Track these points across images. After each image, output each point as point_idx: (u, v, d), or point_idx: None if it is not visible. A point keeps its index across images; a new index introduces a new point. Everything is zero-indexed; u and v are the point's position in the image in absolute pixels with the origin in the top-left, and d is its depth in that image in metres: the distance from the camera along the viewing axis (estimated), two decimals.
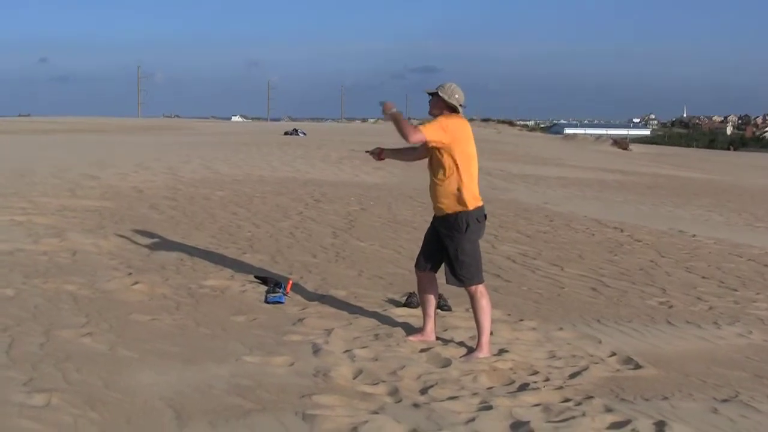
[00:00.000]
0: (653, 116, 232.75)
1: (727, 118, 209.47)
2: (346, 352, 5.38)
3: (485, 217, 5.67)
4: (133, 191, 13.40)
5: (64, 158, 19.12)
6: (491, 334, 5.67)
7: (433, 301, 5.88)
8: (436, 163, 5.58)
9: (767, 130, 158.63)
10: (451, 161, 5.49)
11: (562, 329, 6.36)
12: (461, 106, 5.58)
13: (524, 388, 4.91)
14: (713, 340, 6.36)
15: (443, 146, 5.46)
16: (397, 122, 5.43)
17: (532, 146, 45.37)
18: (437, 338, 5.85)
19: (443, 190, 5.54)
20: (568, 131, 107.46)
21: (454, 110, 5.57)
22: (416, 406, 4.45)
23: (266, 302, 6.62)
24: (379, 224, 11.39)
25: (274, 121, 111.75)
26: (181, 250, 8.54)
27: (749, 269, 9.66)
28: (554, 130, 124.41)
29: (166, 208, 11.70)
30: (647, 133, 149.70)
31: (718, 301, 7.80)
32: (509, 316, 6.67)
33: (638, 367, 5.47)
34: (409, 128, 5.37)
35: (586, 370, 5.33)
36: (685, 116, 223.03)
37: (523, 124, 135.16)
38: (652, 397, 4.83)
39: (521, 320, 6.56)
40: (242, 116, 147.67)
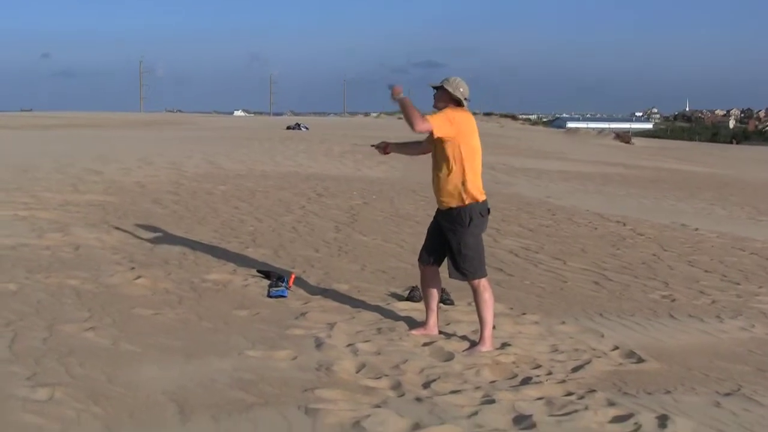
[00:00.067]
0: (656, 110, 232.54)
1: (729, 111, 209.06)
2: (348, 346, 5.39)
3: (488, 211, 5.66)
4: (135, 186, 13.41)
5: (66, 153, 19.13)
6: (494, 327, 5.67)
7: (436, 295, 5.88)
8: (440, 156, 5.57)
9: None
10: (455, 155, 5.47)
11: (564, 323, 6.36)
12: (466, 99, 5.56)
13: (527, 381, 4.91)
14: (716, 333, 6.35)
15: (448, 139, 5.44)
16: (405, 108, 5.39)
17: (534, 140, 45.33)
18: (440, 332, 5.85)
19: (447, 183, 5.53)
20: (570, 125, 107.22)
21: (458, 104, 5.55)
22: (419, 400, 4.45)
23: (269, 296, 6.62)
24: (381, 218, 11.39)
25: (276, 115, 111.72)
26: (183, 244, 8.54)
27: (752, 263, 9.65)
28: (557, 124, 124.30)
29: (168, 202, 11.71)
30: (650, 126, 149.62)
31: (720, 294, 7.79)
32: (512, 309, 6.67)
33: (641, 360, 5.47)
34: (417, 116, 5.34)
35: (588, 363, 5.33)
36: (687, 110, 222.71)
37: (525, 118, 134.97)
38: (654, 390, 4.83)
39: (524, 314, 6.56)
40: (244, 111, 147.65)
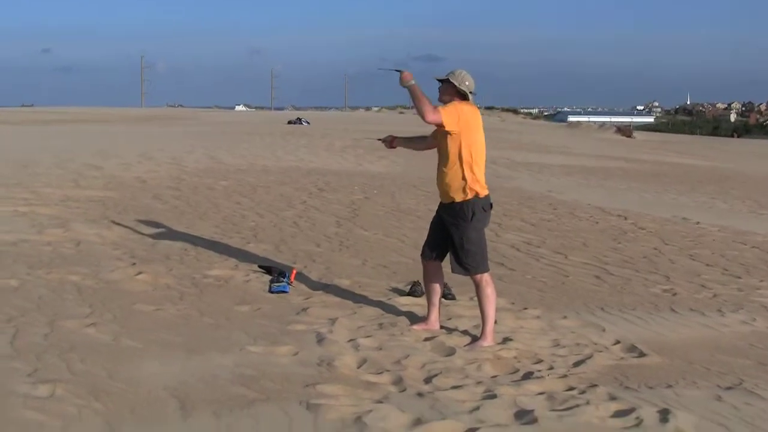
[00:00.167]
0: (657, 103, 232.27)
1: (730, 105, 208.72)
2: (350, 341, 5.39)
3: (491, 206, 5.64)
4: (136, 181, 13.41)
5: (67, 148, 19.11)
6: (495, 322, 5.66)
7: (438, 290, 5.87)
8: (444, 150, 5.54)
9: None
10: (460, 149, 5.44)
11: (566, 317, 6.35)
12: (471, 93, 5.52)
13: (528, 376, 4.91)
14: (717, 327, 6.35)
15: (454, 133, 5.41)
16: (415, 97, 5.33)
17: (535, 134, 45.26)
18: (441, 327, 5.85)
19: (451, 178, 5.51)
20: (571, 119, 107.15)
21: (464, 97, 5.51)
22: (420, 395, 4.45)
23: (270, 292, 6.62)
24: (382, 213, 11.38)
25: (277, 110, 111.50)
26: (184, 240, 8.54)
27: (753, 256, 9.64)
28: (558, 117, 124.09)
29: (169, 198, 11.70)
30: (651, 120, 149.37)
31: (722, 288, 7.79)
32: (513, 304, 6.66)
33: (642, 355, 5.47)
34: (428, 106, 5.30)
35: (590, 358, 5.33)
36: (688, 103, 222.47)
37: (526, 112, 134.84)
38: (656, 385, 4.83)
39: (525, 309, 6.56)
40: (246, 105, 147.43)
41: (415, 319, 6.03)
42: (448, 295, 6.56)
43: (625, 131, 56.42)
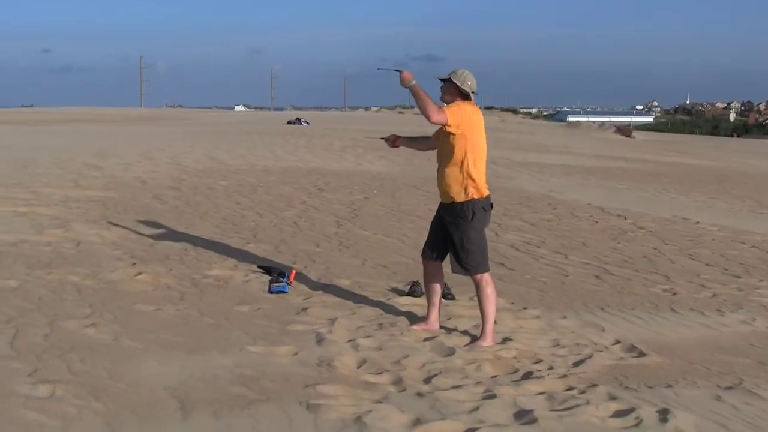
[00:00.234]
0: (656, 103, 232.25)
1: (730, 104, 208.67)
2: (349, 341, 5.39)
3: (492, 206, 5.64)
4: (136, 181, 13.41)
5: (67, 149, 19.10)
6: (495, 322, 5.66)
7: (438, 290, 5.87)
8: (446, 150, 5.53)
9: None
10: (461, 149, 5.43)
11: (565, 317, 6.36)
12: (473, 93, 5.52)
13: (528, 376, 4.91)
14: (717, 327, 6.35)
15: (456, 133, 5.41)
16: (419, 98, 5.31)
17: (535, 134, 45.26)
18: (441, 327, 5.85)
19: (451, 178, 5.50)
20: (571, 119, 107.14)
21: (466, 97, 5.51)
22: (420, 395, 4.46)
23: (270, 292, 6.62)
24: (382, 213, 11.38)
25: (277, 110, 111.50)
26: (184, 240, 8.54)
27: (753, 256, 9.64)
28: (557, 117, 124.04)
29: (169, 198, 11.70)
30: (650, 120, 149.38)
31: (721, 288, 7.79)
32: (513, 304, 6.67)
33: (642, 354, 5.47)
34: (432, 107, 5.29)
35: (590, 358, 5.33)
36: (688, 103, 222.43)
37: (526, 111, 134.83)
38: (656, 384, 4.83)
39: (525, 308, 6.56)
40: (245, 106, 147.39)
41: (414, 319, 6.03)
42: (447, 295, 6.56)
43: (624, 131, 56.43)
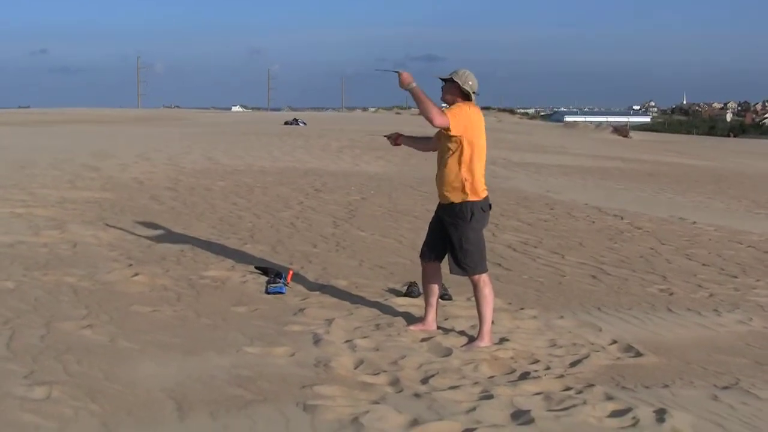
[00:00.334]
0: (653, 103, 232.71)
1: (726, 104, 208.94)
2: (346, 342, 5.39)
3: (490, 207, 5.64)
4: (133, 182, 13.40)
5: (64, 149, 19.09)
6: (492, 323, 5.66)
7: (436, 291, 5.87)
8: (446, 151, 5.52)
9: (767, 116, 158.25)
10: (461, 150, 5.42)
11: (562, 317, 6.36)
12: (474, 93, 5.51)
13: (525, 376, 4.91)
14: (714, 327, 6.36)
15: (458, 134, 5.41)
16: (420, 100, 5.28)
17: (532, 134, 45.30)
18: (438, 328, 5.85)
19: (451, 178, 5.49)
20: (568, 119, 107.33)
21: (467, 97, 5.49)
22: (417, 395, 4.46)
23: (267, 293, 6.62)
24: (379, 214, 11.38)
25: (274, 111, 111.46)
26: (181, 241, 8.54)
27: (749, 256, 9.66)
28: (555, 117, 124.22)
29: (166, 198, 11.70)
30: (647, 120, 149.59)
31: (718, 288, 7.80)
32: (510, 304, 6.67)
33: (639, 354, 5.47)
34: (434, 110, 5.26)
35: (586, 358, 5.33)
36: (684, 103, 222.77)
37: (523, 112, 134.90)
38: (652, 384, 4.84)
39: (522, 309, 6.56)
40: (242, 106, 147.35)
41: (411, 319, 6.03)
42: (445, 295, 6.56)
43: (621, 131, 56.56)
